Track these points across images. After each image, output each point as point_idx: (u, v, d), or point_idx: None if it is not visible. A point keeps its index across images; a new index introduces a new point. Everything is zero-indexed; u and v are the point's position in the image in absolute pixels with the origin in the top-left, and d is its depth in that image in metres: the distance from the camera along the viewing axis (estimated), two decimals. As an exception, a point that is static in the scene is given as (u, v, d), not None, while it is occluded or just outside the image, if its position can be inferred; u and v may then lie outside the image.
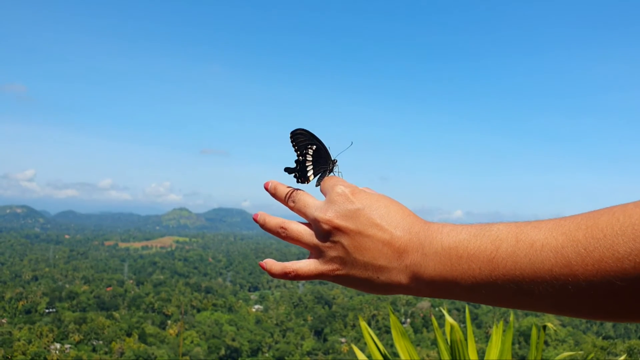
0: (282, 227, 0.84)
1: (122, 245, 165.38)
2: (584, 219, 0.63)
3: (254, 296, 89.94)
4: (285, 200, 0.87)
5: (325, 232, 0.80)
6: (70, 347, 51.83)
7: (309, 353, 56.55)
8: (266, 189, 0.91)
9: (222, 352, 55.35)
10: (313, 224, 0.82)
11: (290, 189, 0.88)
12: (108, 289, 78.97)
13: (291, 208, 0.87)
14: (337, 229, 0.78)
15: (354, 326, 61.61)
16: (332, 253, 0.79)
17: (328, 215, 0.79)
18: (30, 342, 49.95)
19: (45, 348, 50.50)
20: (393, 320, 2.26)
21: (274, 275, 0.84)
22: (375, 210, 0.78)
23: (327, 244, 0.79)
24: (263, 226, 0.87)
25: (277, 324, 66.68)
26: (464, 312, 2.39)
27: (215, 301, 73.73)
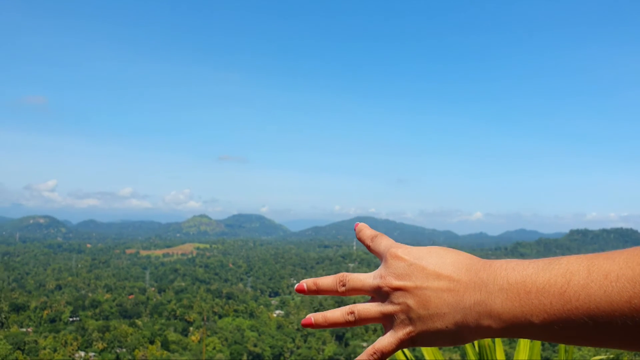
0: (350, 313, 0.82)
1: (144, 253, 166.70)
2: None
3: (274, 301, 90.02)
4: (336, 288, 0.85)
5: (389, 296, 0.79)
6: (94, 355, 52.35)
7: (330, 358, 56.37)
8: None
9: (244, 357, 55.44)
10: (376, 293, 0.81)
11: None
12: (130, 296, 79.69)
13: (343, 293, 0.84)
14: (398, 290, 0.78)
15: (375, 330, 61.23)
16: (402, 316, 0.78)
17: (388, 279, 0.79)
18: (55, 350, 50.63)
19: (70, 356, 51.09)
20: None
21: None
22: (428, 260, 0.78)
23: (394, 307, 0.78)
24: (326, 322, 0.84)
25: (298, 329, 66.53)
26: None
27: (236, 307, 73.99)
